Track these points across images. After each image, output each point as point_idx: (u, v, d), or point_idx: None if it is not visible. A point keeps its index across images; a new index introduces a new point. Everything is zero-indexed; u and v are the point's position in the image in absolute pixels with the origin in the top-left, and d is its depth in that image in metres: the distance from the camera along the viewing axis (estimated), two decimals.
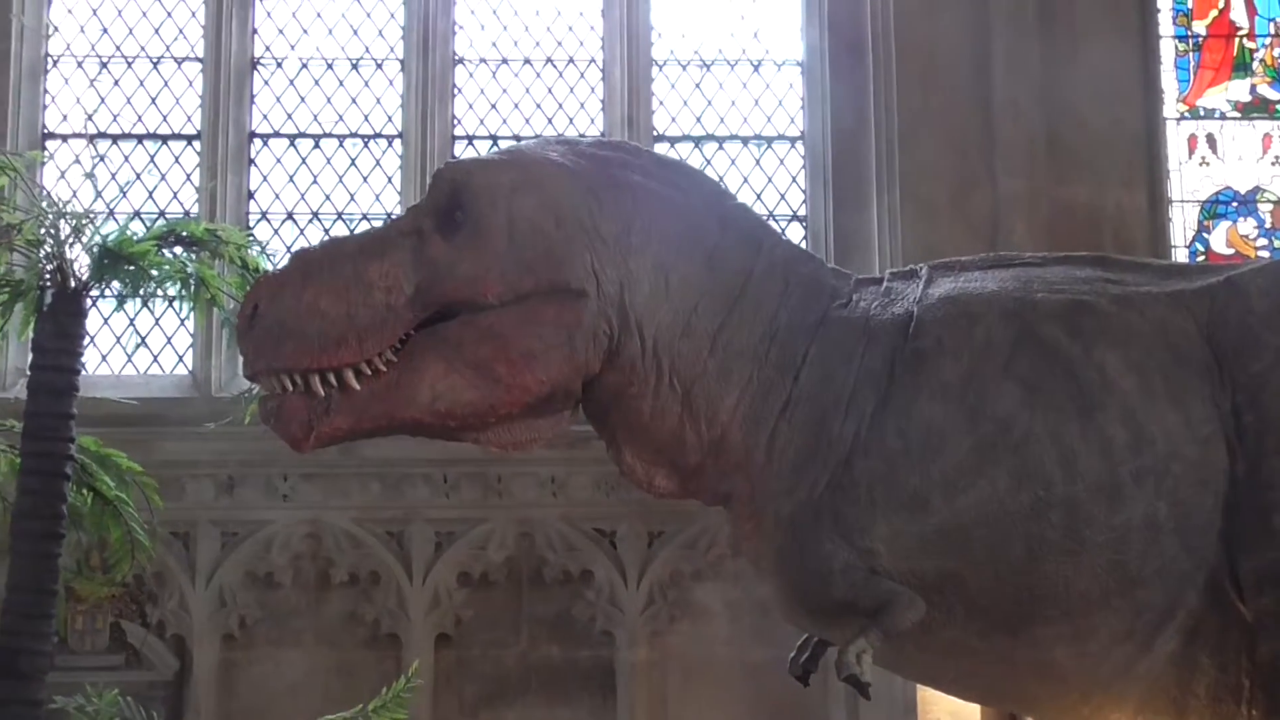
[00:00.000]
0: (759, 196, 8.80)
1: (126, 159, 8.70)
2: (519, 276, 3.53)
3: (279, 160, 8.75)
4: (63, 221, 5.95)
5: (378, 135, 8.80)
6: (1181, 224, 8.77)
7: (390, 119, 8.80)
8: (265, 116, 8.79)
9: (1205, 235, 8.80)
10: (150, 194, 8.66)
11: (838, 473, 3.53)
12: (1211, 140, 8.90)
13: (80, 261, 5.92)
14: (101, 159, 8.59)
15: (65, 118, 8.70)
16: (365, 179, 8.76)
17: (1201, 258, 8.64)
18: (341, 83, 8.85)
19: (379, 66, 8.87)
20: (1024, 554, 3.43)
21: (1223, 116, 8.94)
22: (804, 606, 3.62)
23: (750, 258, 3.71)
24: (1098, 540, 3.44)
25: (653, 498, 3.85)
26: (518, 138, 8.72)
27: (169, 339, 8.45)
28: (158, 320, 8.37)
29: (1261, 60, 9.02)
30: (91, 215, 6.19)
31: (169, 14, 8.83)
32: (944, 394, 3.53)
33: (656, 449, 3.69)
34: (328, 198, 8.72)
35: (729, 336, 3.64)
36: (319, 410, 3.50)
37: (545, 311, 3.54)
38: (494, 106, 8.86)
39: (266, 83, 8.83)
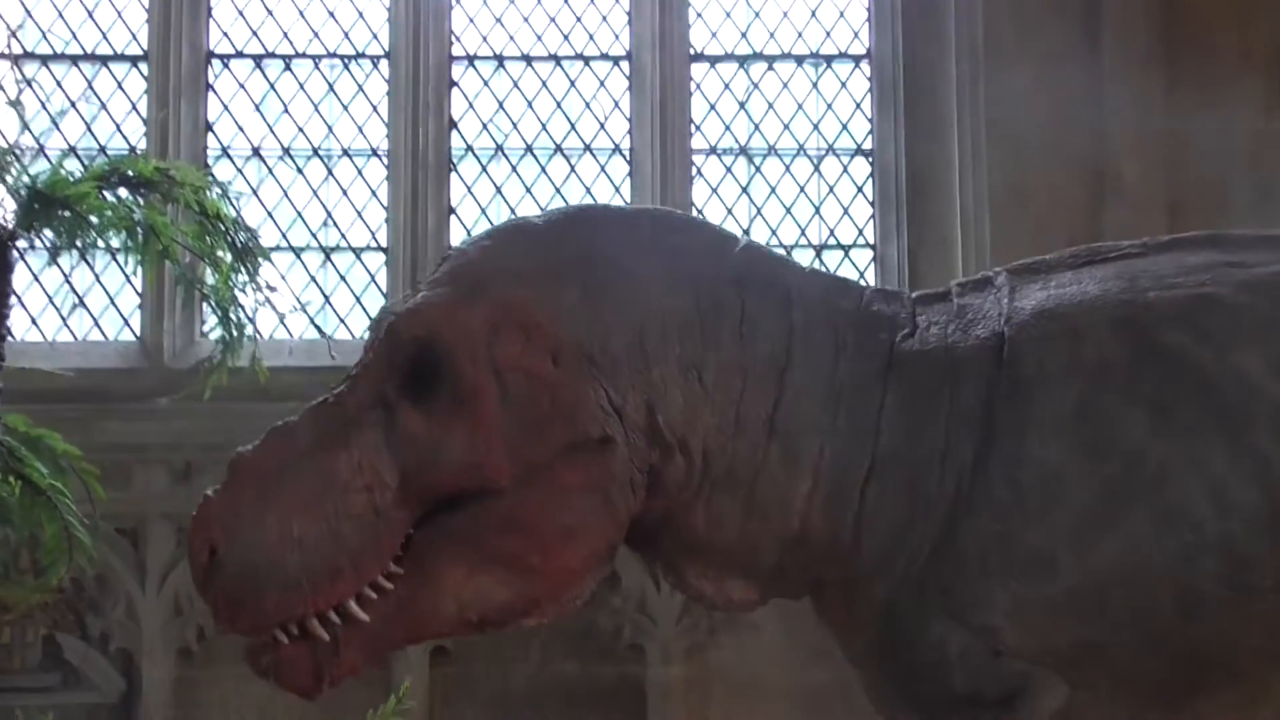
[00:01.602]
0: (816, 126, 8.77)
1: (59, 84, 8.69)
2: (528, 446, 3.42)
3: (242, 85, 8.73)
4: None
5: (360, 55, 8.76)
6: None
7: (375, 36, 8.77)
8: (225, 34, 8.75)
9: None
10: (89, 126, 8.65)
11: (940, 540, 3.49)
12: None
13: (5, 206, 5.90)
14: (29, 84, 8.57)
15: None
16: (346, 107, 8.73)
17: None
18: None
19: None
20: (1176, 611, 3.38)
21: None
22: (914, 703, 3.59)
23: (783, 313, 3.64)
24: (1264, 585, 3.38)
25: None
26: (527, 58, 8.70)
27: (112, 299, 8.45)
28: (98, 276, 8.37)
29: None
30: (18, 151, 6.17)
31: None
32: (1057, 430, 3.47)
33: (723, 562, 3.66)
34: (301, 130, 8.69)
35: (787, 415, 3.57)
36: (326, 654, 3.43)
37: (570, 477, 3.45)
38: (499, 20, 8.83)
39: None
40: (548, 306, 3.48)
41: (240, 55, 8.75)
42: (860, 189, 8.74)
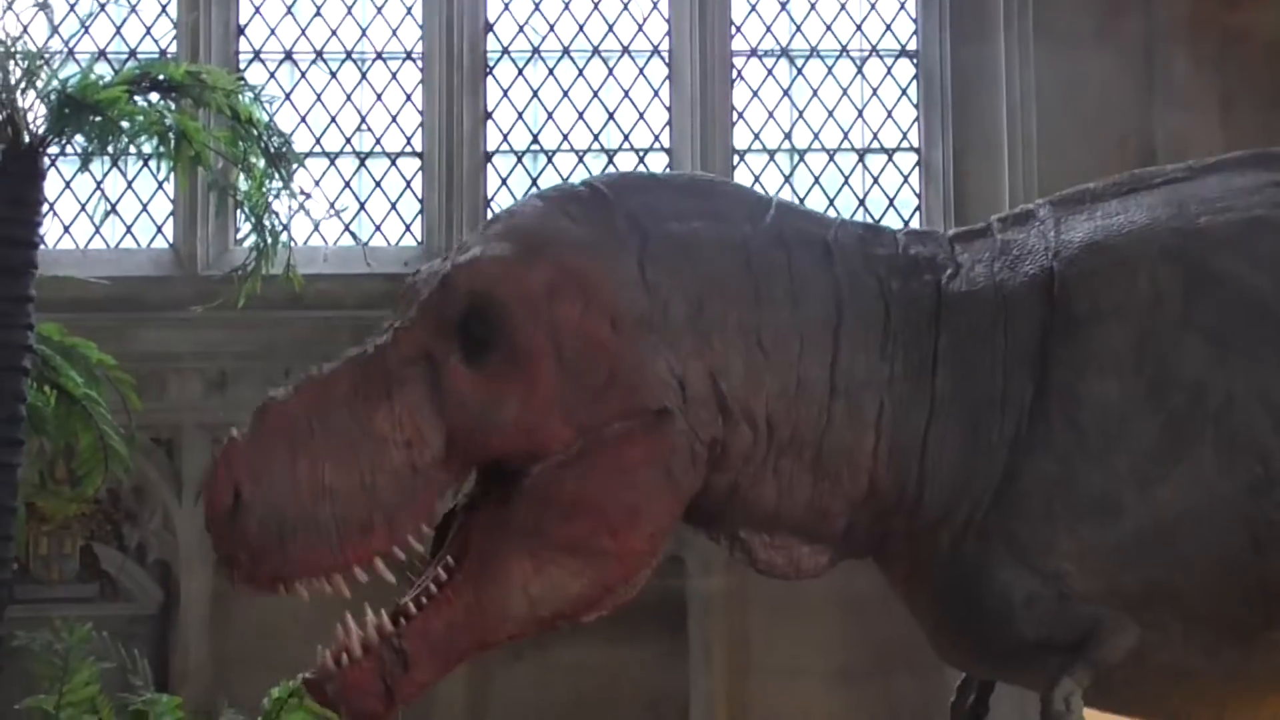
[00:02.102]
0: (859, 27, 8.69)
1: None
2: (587, 412, 3.33)
3: None
4: (12, 63, 5.92)
5: None
6: None
7: None
8: None
9: None
10: (118, 29, 8.61)
11: (1002, 485, 3.45)
12: None
13: (35, 112, 5.89)
14: None
15: None
16: (379, 10, 8.67)
17: None
18: None
19: None
20: (1247, 545, 3.34)
21: None
22: (981, 651, 3.57)
23: (826, 267, 3.57)
24: None
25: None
26: None
27: (145, 206, 8.44)
28: (130, 183, 8.34)
29: None
30: (48, 55, 6.15)
31: None
32: (1115, 367, 3.42)
33: (793, 529, 3.60)
34: (334, 33, 8.64)
35: (846, 371, 3.51)
36: (395, 672, 3.31)
37: (631, 452, 3.36)
38: None
39: None
40: (606, 273, 3.40)
41: None
42: (904, 91, 8.66)
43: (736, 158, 8.50)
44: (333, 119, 8.56)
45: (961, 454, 3.50)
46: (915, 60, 8.66)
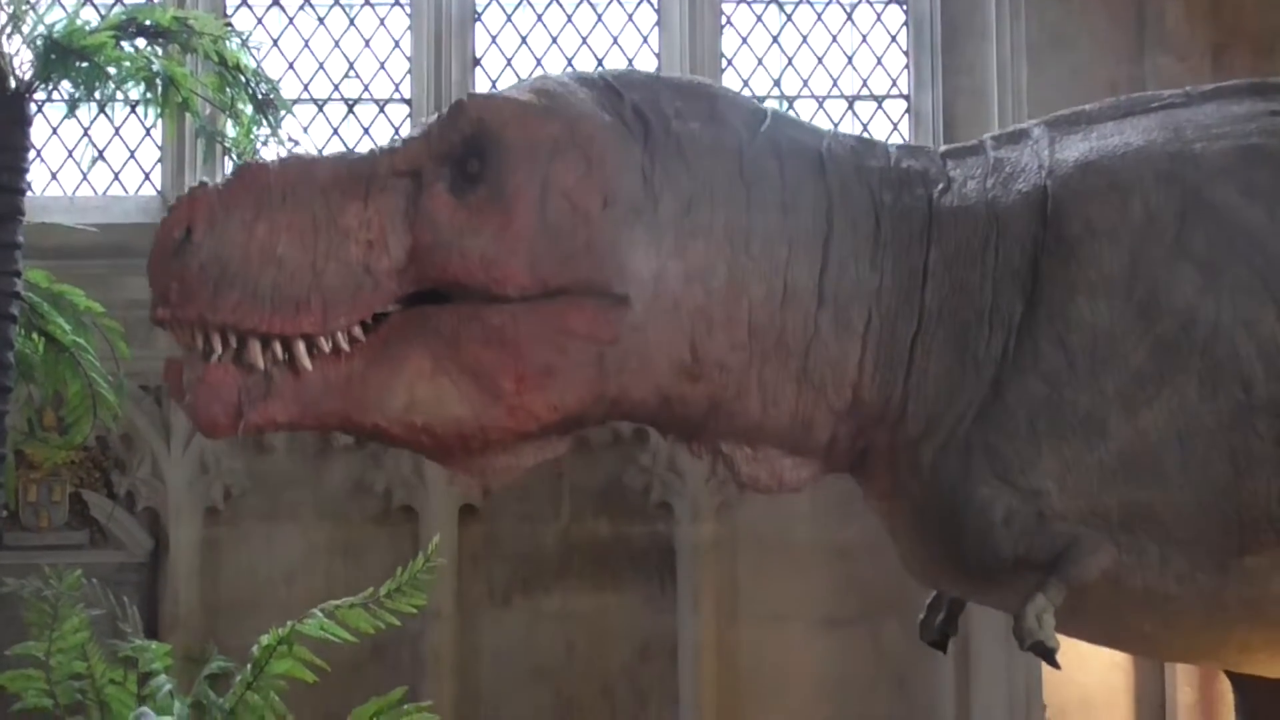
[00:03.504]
0: None
1: None
2: (551, 270, 3.36)
3: None
4: None
5: None
6: None
7: None
8: None
9: None
10: None
11: (987, 401, 3.48)
12: None
13: (21, 57, 5.88)
14: None
15: None
16: None
17: None
18: None
19: None
20: (1228, 471, 3.39)
21: None
22: (957, 568, 3.59)
23: (819, 177, 3.61)
24: None
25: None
26: None
27: (132, 152, 8.42)
28: (118, 129, 8.33)
29: None
30: (33, 1, 6.14)
31: None
32: (1106, 289, 3.46)
33: (777, 442, 3.63)
34: None
35: (835, 280, 3.54)
36: (254, 393, 3.29)
37: (575, 318, 3.37)
38: None
39: None
40: (612, 152, 3.44)
41: None
42: (894, 38, 8.64)
43: None
44: (320, 65, 8.53)
45: (947, 369, 3.54)
46: (905, 7, 8.63)
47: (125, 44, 5.97)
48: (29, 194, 5.99)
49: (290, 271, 3.27)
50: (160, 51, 6.06)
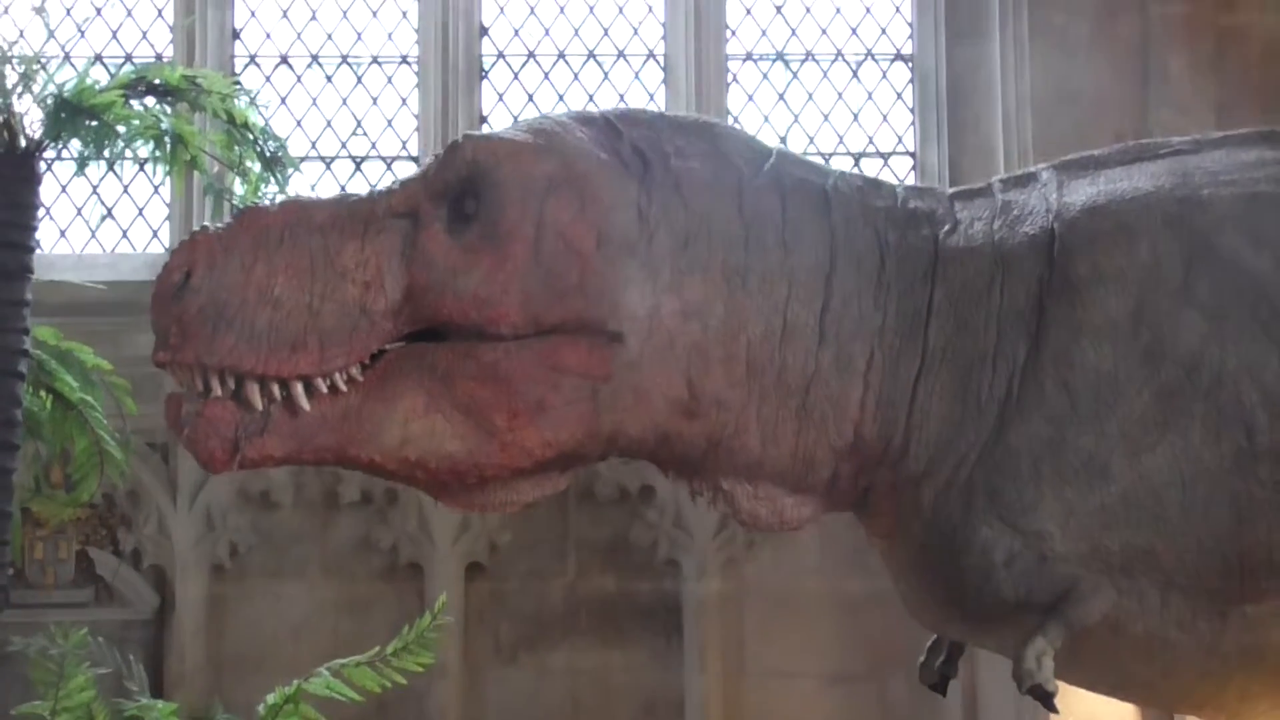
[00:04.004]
0: (855, 31, 8.71)
1: None
2: (543, 307, 3.38)
3: None
4: (8, 67, 5.92)
5: None
6: None
7: None
8: None
9: None
10: (114, 34, 8.64)
11: (990, 442, 3.48)
12: None
13: (31, 116, 5.90)
14: None
15: None
16: (375, 13, 8.69)
17: None
18: None
19: None
20: (1230, 517, 3.40)
21: None
22: (957, 610, 3.59)
23: (823, 215, 3.62)
24: None
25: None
26: None
27: (140, 210, 8.47)
28: (126, 187, 8.38)
29: None
30: (44, 60, 6.16)
31: None
32: (1111, 334, 3.47)
33: (778, 480, 3.63)
34: (330, 37, 8.67)
35: (837, 318, 3.56)
36: (250, 429, 3.32)
37: (569, 355, 3.39)
38: None
39: None
40: (607, 189, 3.46)
41: None
42: (900, 95, 8.69)
43: None
44: (328, 123, 8.58)
45: (950, 409, 3.54)
46: (911, 64, 8.69)
47: (134, 102, 5.99)
48: (38, 251, 6.01)
49: (287, 312, 3.30)
50: (169, 110, 6.08)
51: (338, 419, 3.35)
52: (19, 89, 5.89)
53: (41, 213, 6.17)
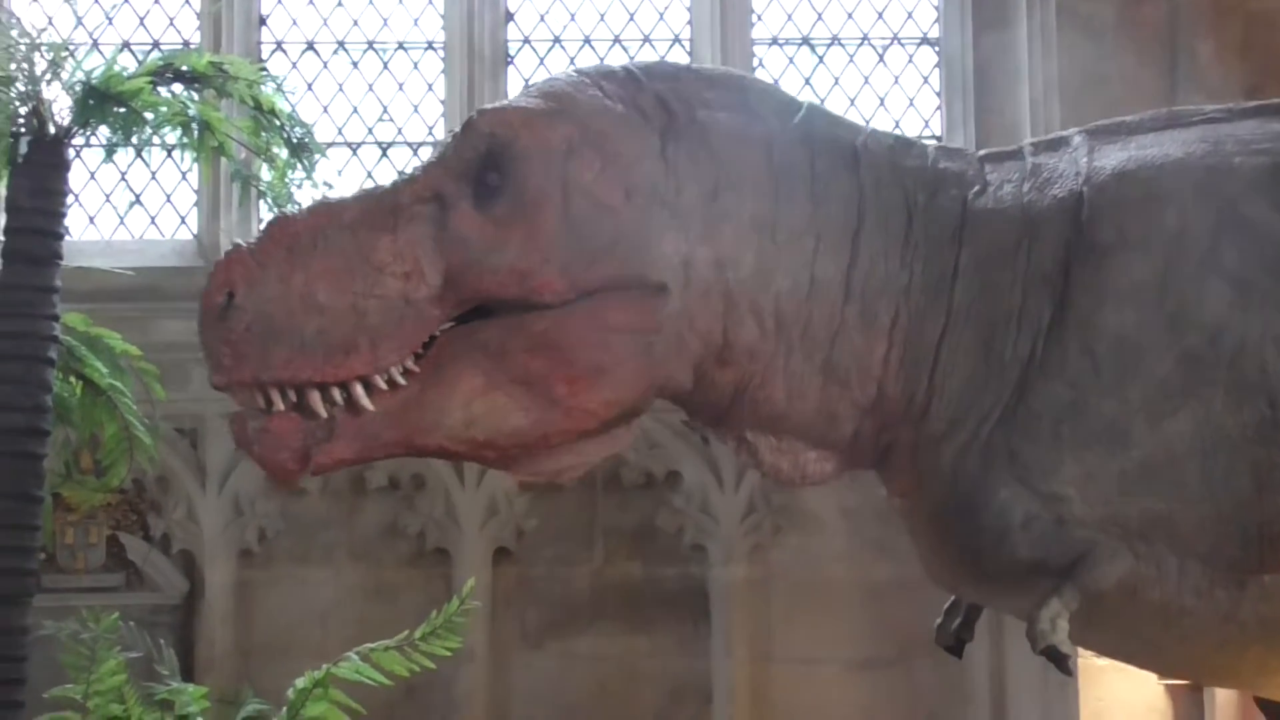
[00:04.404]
0: (881, 15, 8.68)
1: None
2: (582, 269, 3.38)
3: None
4: (38, 55, 5.95)
5: None
6: None
7: None
8: None
9: None
10: (141, 20, 8.65)
11: (1011, 404, 3.49)
12: None
13: (60, 103, 5.93)
14: None
15: None
16: None
17: None
18: None
19: None
20: (1250, 486, 3.39)
21: None
22: (974, 571, 3.59)
23: (853, 172, 3.63)
24: None
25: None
26: None
27: (168, 196, 8.49)
28: (154, 173, 8.40)
29: None
30: (72, 47, 6.20)
31: None
32: (1135, 299, 3.47)
33: (801, 433, 3.65)
34: (355, 23, 8.67)
35: (863, 275, 3.57)
36: (317, 436, 3.34)
37: (616, 313, 3.40)
38: None
39: None
40: (627, 143, 3.47)
41: None
42: (926, 79, 8.67)
43: None
44: (354, 109, 8.59)
45: (973, 369, 3.55)
46: (937, 48, 8.66)
47: (162, 89, 6.02)
48: (67, 238, 6.04)
49: (333, 316, 3.30)
50: (196, 96, 6.10)
51: (400, 412, 3.36)
52: (48, 76, 5.92)
53: (70, 199, 6.18)
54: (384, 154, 8.55)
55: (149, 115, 5.92)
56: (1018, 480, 3.43)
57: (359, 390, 3.33)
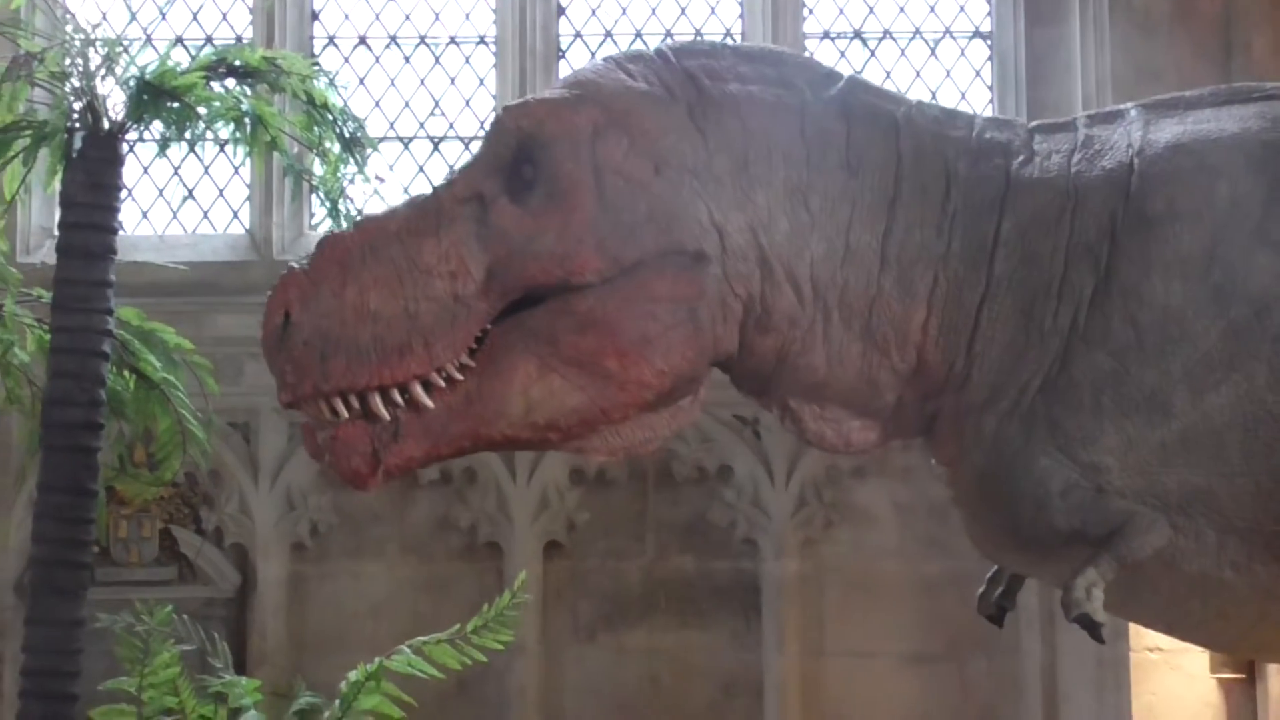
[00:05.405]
0: (933, 9, 8.67)
1: None
2: (620, 245, 3.45)
3: None
4: (92, 50, 5.97)
5: None
6: None
7: None
8: None
9: None
10: (195, 16, 8.71)
11: (1052, 373, 3.48)
12: None
13: (114, 98, 5.94)
14: None
15: None
16: None
17: None
18: None
19: None
20: None
21: None
22: (1014, 539, 3.59)
23: (891, 142, 3.64)
24: None
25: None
26: None
27: (221, 191, 8.53)
28: (207, 168, 8.45)
29: None
30: (126, 42, 6.21)
31: None
32: (1182, 270, 3.44)
33: (843, 401, 3.67)
34: (407, 17, 8.71)
35: (899, 243, 3.58)
36: (384, 438, 3.43)
37: (658, 285, 3.46)
38: None
39: None
40: (654, 118, 3.53)
41: None
42: (978, 73, 8.65)
43: None
44: (406, 103, 8.62)
45: (1013, 337, 3.55)
46: (989, 42, 8.64)
47: (215, 84, 6.03)
48: (121, 233, 6.05)
49: (386, 322, 3.39)
50: (249, 91, 6.11)
51: (463, 406, 3.44)
52: (102, 71, 5.93)
53: (124, 194, 6.22)
54: (436, 148, 8.57)
55: (202, 110, 5.93)
56: (1058, 449, 3.43)
57: (418, 390, 3.41)
